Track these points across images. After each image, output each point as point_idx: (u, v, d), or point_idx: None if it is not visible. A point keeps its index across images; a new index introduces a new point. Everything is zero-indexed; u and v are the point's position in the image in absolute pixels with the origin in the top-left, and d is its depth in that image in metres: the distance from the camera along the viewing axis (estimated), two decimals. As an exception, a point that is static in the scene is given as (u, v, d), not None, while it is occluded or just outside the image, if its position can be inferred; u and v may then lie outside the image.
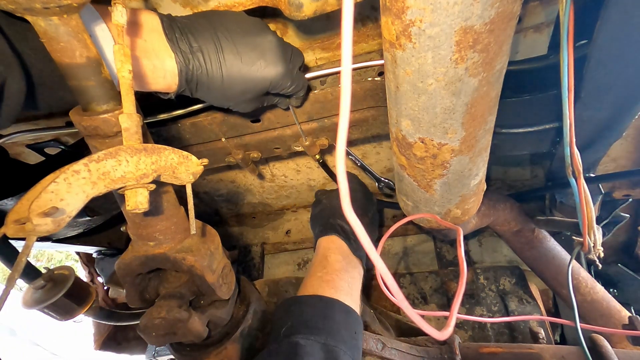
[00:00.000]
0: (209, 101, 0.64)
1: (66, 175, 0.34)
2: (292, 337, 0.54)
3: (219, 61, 0.55)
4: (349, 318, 0.60)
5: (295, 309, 0.60)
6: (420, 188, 0.64)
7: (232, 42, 0.55)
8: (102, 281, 1.28)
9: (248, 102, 0.63)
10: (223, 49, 0.55)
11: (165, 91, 0.56)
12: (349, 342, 0.56)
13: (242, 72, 0.57)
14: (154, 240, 0.52)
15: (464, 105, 0.46)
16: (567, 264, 0.75)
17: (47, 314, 0.66)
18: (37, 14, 0.34)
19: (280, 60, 0.59)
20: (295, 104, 0.73)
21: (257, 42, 0.57)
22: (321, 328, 0.56)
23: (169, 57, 0.52)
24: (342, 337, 0.56)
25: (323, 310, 0.59)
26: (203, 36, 0.54)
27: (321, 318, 0.58)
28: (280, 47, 0.59)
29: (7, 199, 0.71)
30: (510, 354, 0.67)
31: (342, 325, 0.58)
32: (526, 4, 0.67)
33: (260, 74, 0.58)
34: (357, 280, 0.72)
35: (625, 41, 0.49)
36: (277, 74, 0.59)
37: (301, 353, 0.51)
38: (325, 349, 0.53)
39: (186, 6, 0.63)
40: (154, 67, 0.51)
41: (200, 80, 0.56)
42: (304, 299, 0.62)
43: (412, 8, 0.37)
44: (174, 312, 0.53)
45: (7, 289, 0.32)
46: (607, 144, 0.67)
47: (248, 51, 0.56)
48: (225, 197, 1.25)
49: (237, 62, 0.56)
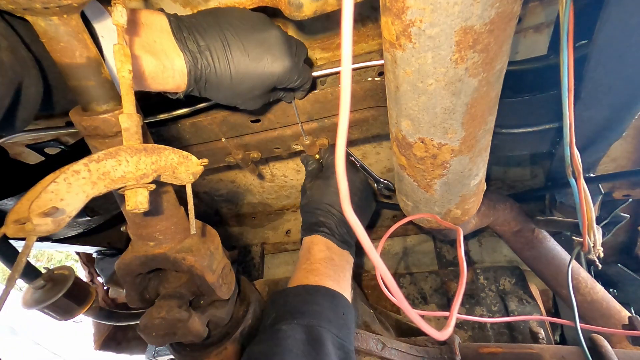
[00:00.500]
0: (217, 100, 0.64)
1: (66, 175, 0.34)
2: (276, 325, 0.55)
3: (227, 59, 0.55)
4: (334, 300, 0.61)
5: (279, 301, 0.61)
6: (420, 188, 0.64)
7: (239, 39, 0.55)
8: (102, 281, 1.28)
9: (256, 98, 0.63)
10: (230, 47, 0.55)
11: (174, 91, 0.56)
12: (334, 322, 0.57)
13: (250, 69, 0.57)
14: (154, 240, 0.52)
15: (464, 106, 0.46)
16: (567, 264, 0.75)
17: (47, 314, 0.66)
18: (37, 14, 0.34)
19: (286, 54, 0.59)
20: (300, 97, 0.73)
21: (263, 38, 0.57)
22: (304, 312, 0.56)
23: (178, 57, 0.52)
24: (326, 318, 0.56)
25: (306, 297, 0.60)
26: (210, 34, 0.54)
27: (304, 304, 0.58)
28: (285, 41, 0.59)
29: (7, 199, 0.71)
30: (510, 354, 0.67)
31: (327, 307, 0.58)
32: (526, 4, 0.67)
33: (268, 69, 0.58)
34: (344, 268, 0.72)
35: (625, 41, 0.49)
36: (284, 68, 0.59)
37: (283, 337, 0.51)
38: (308, 330, 0.53)
39: (186, 6, 0.62)
40: (164, 67, 0.51)
41: (209, 78, 0.56)
42: (288, 290, 0.63)
43: (412, 8, 0.37)
44: (174, 312, 0.53)
45: (7, 289, 0.32)
46: (607, 144, 0.67)
47: (255, 47, 0.57)
48: (225, 197, 1.25)
49: (244, 59, 0.56)
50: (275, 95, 0.69)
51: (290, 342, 0.51)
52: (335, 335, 0.54)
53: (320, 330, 0.53)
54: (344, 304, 0.62)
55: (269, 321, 0.58)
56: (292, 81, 0.63)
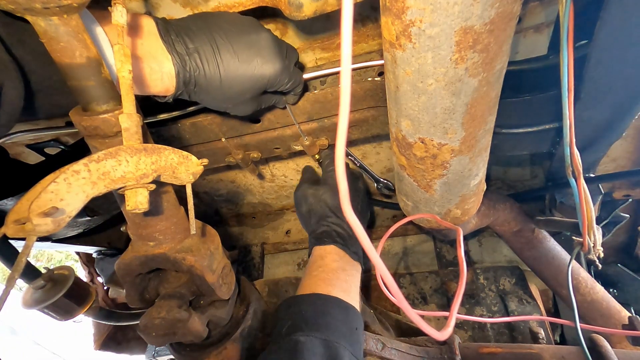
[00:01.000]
0: (207, 104, 0.63)
1: (66, 175, 0.34)
2: (293, 335, 0.54)
3: (216, 61, 0.55)
4: (348, 314, 0.60)
5: (294, 309, 0.60)
6: (420, 188, 0.64)
7: (228, 41, 0.55)
8: (102, 281, 1.28)
9: (246, 102, 0.63)
10: (220, 49, 0.55)
11: (162, 94, 0.56)
12: (349, 338, 0.56)
13: (240, 71, 0.57)
14: (154, 240, 0.52)
15: (464, 106, 0.46)
16: (567, 264, 0.75)
17: (47, 314, 0.66)
18: (37, 14, 0.34)
19: (276, 57, 0.59)
20: (292, 102, 0.72)
21: (253, 41, 0.57)
22: (321, 324, 0.56)
23: (166, 59, 0.52)
24: (342, 333, 0.56)
25: (321, 308, 0.59)
26: (199, 37, 0.54)
27: (320, 315, 0.58)
28: (275, 44, 0.59)
29: (7, 199, 0.71)
30: (510, 354, 0.67)
31: (341, 321, 0.58)
32: (526, 4, 0.67)
33: (258, 71, 0.58)
34: (355, 278, 0.71)
35: (625, 41, 0.49)
36: (275, 70, 0.59)
37: (302, 349, 0.51)
38: (326, 344, 0.53)
39: (186, 6, 0.62)
40: (151, 69, 0.51)
41: (198, 81, 0.56)
42: (302, 297, 0.62)
43: (412, 8, 0.37)
44: (174, 312, 0.53)
45: (7, 289, 0.32)
46: (607, 144, 0.67)
47: (244, 50, 0.56)
48: (225, 197, 1.25)
49: (234, 61, 0.56)
50: (267, 100, 0.69)
51: (309, 355, 0.50)
52: (350, 352, 0.54)
53: (338, 347, 0.53)
54: (356, 317, 0.61)
55: (284, 329, 0.57)
56: (282, 84, 0.63)
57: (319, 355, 0.51)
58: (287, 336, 0.55)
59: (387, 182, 0.93)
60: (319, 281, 0.66)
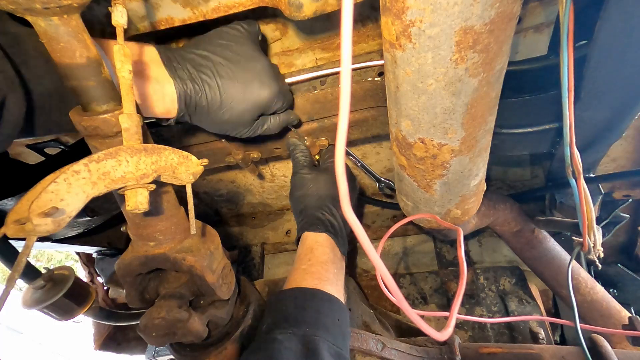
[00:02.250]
0: (206, 127, 0.66)
1: (66, 175, 0.34)
2: (271, 333, 0.55)
3: (217, 85, 0.59)
4: (331, 305, 0.61)
5: (275, 305, 0.61)
6: (420, 188, 0.64)
7: (228, 67, 0.60)
8: (102, 281, 1.28)
9: (245, 124, 0.66)
10: (220, 74, 0.59)
11: (164, 116, 0.59)
12: (331, 329, 0.57)
13: (239, 94, 0.61)
14: (154, 240, 0.52)
15: (464, 106, 0.46)
16: (567, 264, 0.75)
17: (47, 314, 0.66)
18: (37, 14, 0.34)
19: (273, 80, 0.64)
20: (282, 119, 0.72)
21: (251, 66, 0.62)
22: (300, 320, 0.56)
23: (168, 83, 0.56)
24: (323, 325, 0.56)
25: (303, 302, 0.60)
26: (200, 63, 0.58)
27: (301, 310, 0.58)
28: (271, 67, 0.64)
29: (7, 199, 0.71)
30: (510, 354, 0.67)
31: (323, 313, 0.58)
32: (526, 4, 0.67)
33: (256, 94, 0.62)
34: (341, 271, 0.72)
35: (625, 41, 0.49)
36: (271, 94, 0.64)
37: (279, 348, 0.51)
38: (304, 340, 0.53)
39: (186, 6, 0.62)
40: (153, 91, 0.54)
41: (199, 104, 0.59)
42: (285, 293, 0.62)
43: (412, 8, 0.38)
44: (174, 312, 0.53)
45: (7, 289, 0.32)
46: (607, 144, 0.67)
47: (244, 74, 0.61)
48: (225, 197, 1.25)
49: (234, 85, 0.60)
50: (262, 124, 0.70)
51: (286, 353, 0.50)
52: (331, 343, 0.54)
53: (317, 340, 0.53)
54: (339, 308, 0.61)
55: (264, 327, 0.58)
56: (278, 105, 0.67)
57: (295, 351, 0.51)
58: (266, 334, 0.55)
59: (388, 181, 0.93)
60: (305, 275, 0.66)
